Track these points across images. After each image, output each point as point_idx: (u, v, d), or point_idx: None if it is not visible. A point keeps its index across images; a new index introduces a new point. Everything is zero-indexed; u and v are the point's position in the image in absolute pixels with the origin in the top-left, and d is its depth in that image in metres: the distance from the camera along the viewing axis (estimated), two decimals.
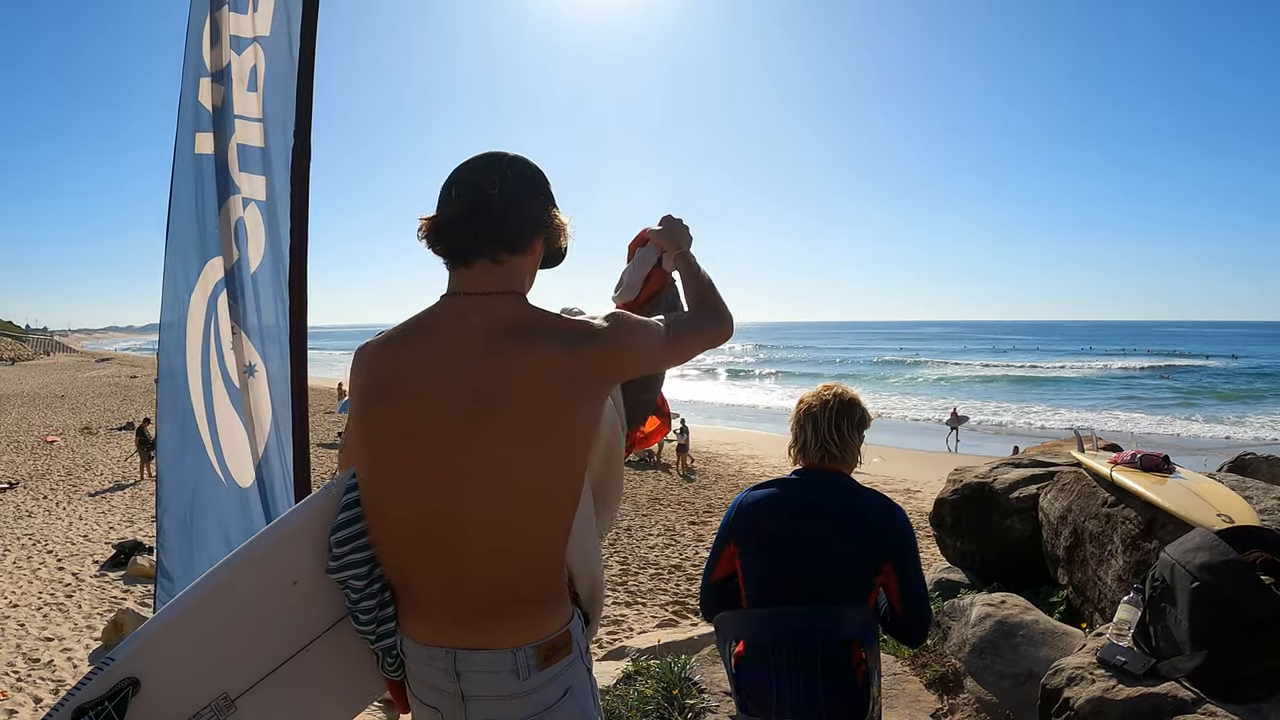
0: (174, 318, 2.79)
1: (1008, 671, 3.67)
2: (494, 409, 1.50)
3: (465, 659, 1.57)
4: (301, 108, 2.42)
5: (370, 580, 1.69)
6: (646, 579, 10.34)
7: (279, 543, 1.75)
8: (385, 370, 1.63)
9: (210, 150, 2.72)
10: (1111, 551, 4.38)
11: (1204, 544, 2.47)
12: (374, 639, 1.72)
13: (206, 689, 1.69)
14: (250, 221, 2.74)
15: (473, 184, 1.64)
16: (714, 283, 1.92)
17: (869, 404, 2.48)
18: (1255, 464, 5.89)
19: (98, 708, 1.54)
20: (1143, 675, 2.40)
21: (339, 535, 1.67)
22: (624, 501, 15.05)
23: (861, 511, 2.28)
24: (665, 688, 3.86)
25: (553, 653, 1.57)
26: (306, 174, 2.45)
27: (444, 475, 1.53)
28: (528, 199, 1.66)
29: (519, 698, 1.55)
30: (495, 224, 1.62)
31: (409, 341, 1.63)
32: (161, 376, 2.86)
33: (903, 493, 16.01)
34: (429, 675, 1.64)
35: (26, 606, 8.84)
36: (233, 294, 2.76)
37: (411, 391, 1.57)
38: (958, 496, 5.90)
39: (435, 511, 1.54)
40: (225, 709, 1.71)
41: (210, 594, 1.68)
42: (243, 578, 1.71)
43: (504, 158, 1.67)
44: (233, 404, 2.81)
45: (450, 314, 1.63)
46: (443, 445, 1.53)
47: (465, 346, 1.56)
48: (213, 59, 2.68)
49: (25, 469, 17.49)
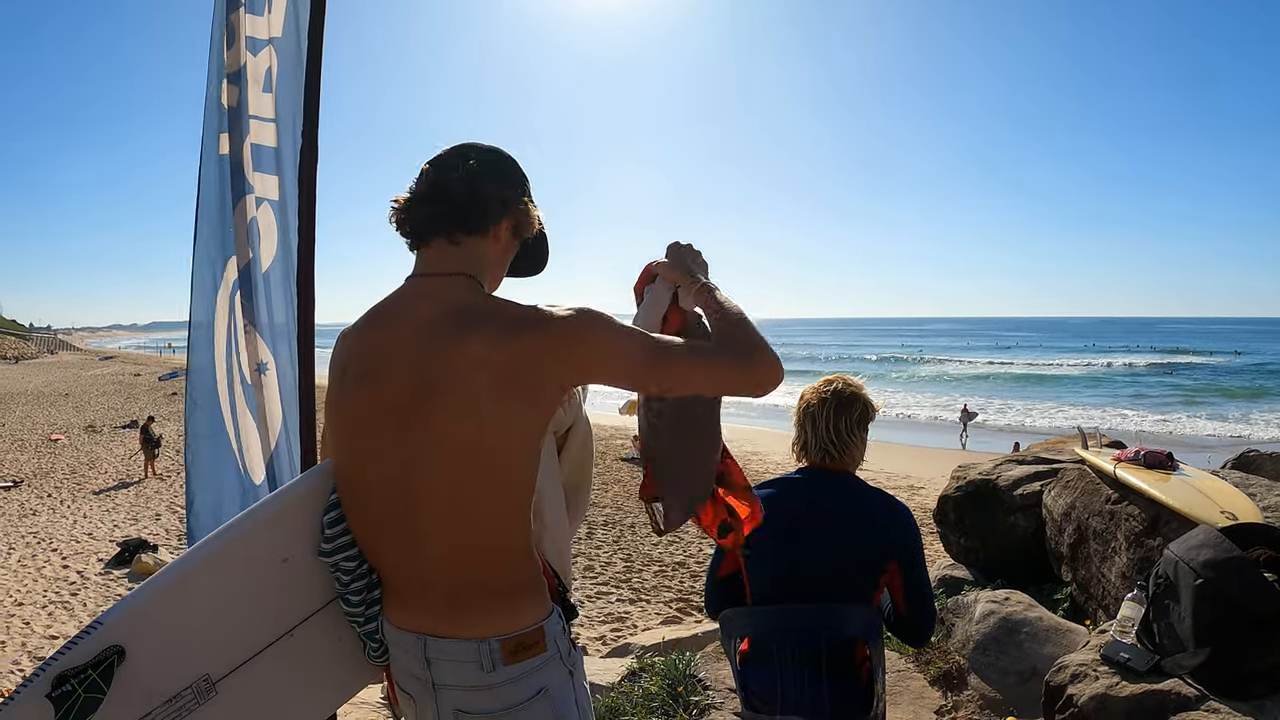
0: (204, 317, 2.82)
1: (1012, 668, 3.68)
2: (433, 394, 1.50)
3: (435, 646, 1.58)
4: (309, 108, 2.42)
5: (361, 561, 1.70)
6: (650, 576, 10.36)
7: (272, 518, 1.74)
8: (348, 355, 1.66)
9: (228, 151, 2.74)
10: (1115, 548, 4.39)
11: (1208, 541, 2.48)
12: (362, 621, 1.74)
13: (190, 668, 1.66)
14: (263, 221, 2.75)
15: (438, 166, 1.66)
16: (746, 316, 1.66)
17: (873, 396, 2.43)
18: (1259, 461, 5.88)
19: (81, 675, 1.50)
20: (1146, 672, 2.41)
21: (331, 515, 1.69)
22: (628, 498, 15.08)
23: (866, 511, 2.28)
24: (670, 684, 3.86)
25: (520, 649, 1.55)
26: (313, 173, 2.45)
27: (395, 459, 1.54)
28: (489, 180, 1.66)
29: (485, 690, 1.55)
30: (451, 203, 1.63)
31: (371, 327, 1.65)
32: (191, 373, 2.88)
33: (906, 489, 16.01)
34: (405, 661, 1.66)
35: (32, 605, 8.87)
36: (246, 292, 2.77)
37: (369, 376, 1.59)
38: (962, 493, 5.91)
39: (391, 495, 1.56)
40: (206, 692, 1.68)
41: (201, 565, 1.67)
42: (234, 551, 1.70)
43: (474, 146, 1.69)
44: (247, 402, 2.82)
45: (405, 298, 1.64)
46: (392, 429, 1.54)
47: (414, 330, 1.57)
48: (229, 60, 2.70)
49: (30, 467, 17.55)
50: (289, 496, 1.77)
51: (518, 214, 1.69)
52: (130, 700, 1.59)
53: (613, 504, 14.73)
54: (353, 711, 4.35)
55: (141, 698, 1.60)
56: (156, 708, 1.61)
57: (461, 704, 1.57)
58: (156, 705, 1.61)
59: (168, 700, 1.63)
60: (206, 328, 2.82)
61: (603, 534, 12.59)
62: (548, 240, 1.85)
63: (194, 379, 2.88)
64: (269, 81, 2.69)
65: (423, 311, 1.58)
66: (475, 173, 1.64)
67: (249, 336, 2.76)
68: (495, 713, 1.55)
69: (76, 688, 1.48)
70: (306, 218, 2.45)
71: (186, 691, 1.65)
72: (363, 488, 1.63)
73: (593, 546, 11.82)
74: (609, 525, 13.15)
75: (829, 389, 2.39)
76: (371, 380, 1.59)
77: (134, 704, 1.59)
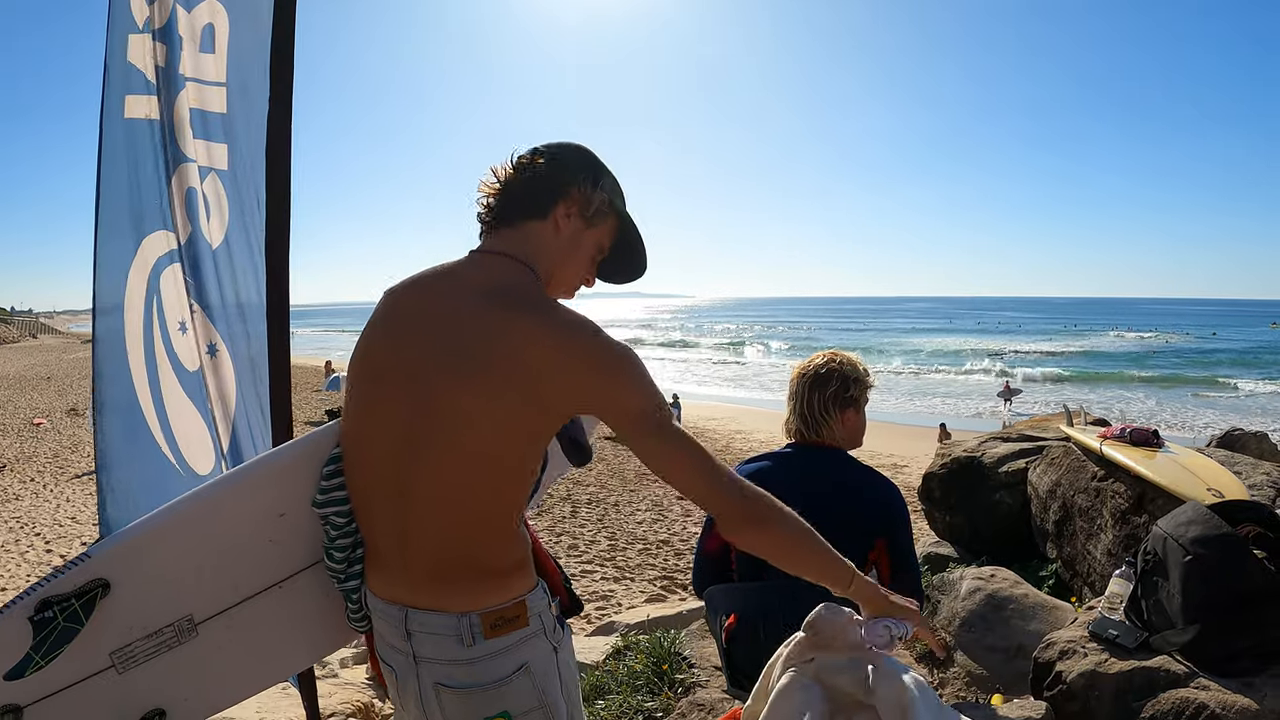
0: (112, 301, 2.58)
1: (998, 645, 3.67)
2: (457, 363, 1.49)
3: (416, 618, 1.57)
4: (280, 74, 2.24)
5: (351, 520, 1.70)
6: (635, 554, 10.35)
7: (275, 470, 1.75)
8: (383, 312, 1.66)
9: (146, 114, 2.52)
10: (1101, 525, 4.39)
11: (1196, 517, 2.46)
12: (342, 578, 1.73)
13: (173, 607, 1.68)
14: (210, 192, 2.56)
15: (515, 162, 1.68)
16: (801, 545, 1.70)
17: (866, 374, 2.39)
18: (1244, 439, 5.91)
19: (64, 603, 1.52)
20: (1135, 649, 2.39)
21: (330, 469, 1.69)
22: (612, 477, 15.09)
23: (853, 488, 2.26)
24: (655, 662, 3.85)
25: (500, 623, 1.54)
26: (288, 144, 2.27)
27: (402, 418, 1.54)
28: (557, 168, 1.66)
29: (465, 664, 1.54)
30: (519, 188, 1.65)
31: (414, 288, 1.65)
32: (98, 363, 2.64)
33: (890, 467, 16.08)
34: (387, 633, 1.65)
35: (14, 590, 8.79)
36: (186, 270, 2.58)
37: (397, 333, 1.60)
38: (946, 470, 5.91)
39: (389, 456, 1.55)
40: (187, 631, 1.70)
41: (198, 509, 1.68)
42: (232, 499, 1.71)
43: (558, 144, 1.71)
44: (184, 389, 2.65)
45: (456, 267, 1.65)
46: (406, 386, 1.54)
47: (453, 299, 1.57)
48: (150, 14, 2.47)
49: (12, 451, 17.39)
50: (294, 452, 1.76)
51: (584, 195, 1.67)
52: (114, 631, 1.61)
53: (597, 482, 14.73)
54: (338, 692, 4.31)
55: (122, 630, 1.63)
56: (136, 640, 1.64)
57: (442, 677, 1.55)
58: (136, 638, 1.64)
59: (148, 635, 1.65)
60: (117, 312, 2.58)
61: (586, 512, 12.59)
62: (641, 244, 1.81)
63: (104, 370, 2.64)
64: (210, 41, 2.49)
65: (471, 282, 1.59)
66: (547, 161, 1.66)
67: (194, 317, 2.57)
68: (475, 687, 1.54)
69: (58, 615, 1.50)
70: (279, 192, 2.29)
71: (168, 629, 1.67)
72: (365, 443, 1.62)
73: (576, 525, 11.82)
74: (593, 504, 13.16)
75: (812, 365, 2.37)
76: (399, 338, 1.59)
77: (116, 635, 1.62)
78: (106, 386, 2.66)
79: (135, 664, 1.65)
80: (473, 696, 1.54)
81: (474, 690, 1.54)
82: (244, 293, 2.54)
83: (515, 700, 1.55)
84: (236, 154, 2.53)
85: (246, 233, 2.53)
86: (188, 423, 2.65)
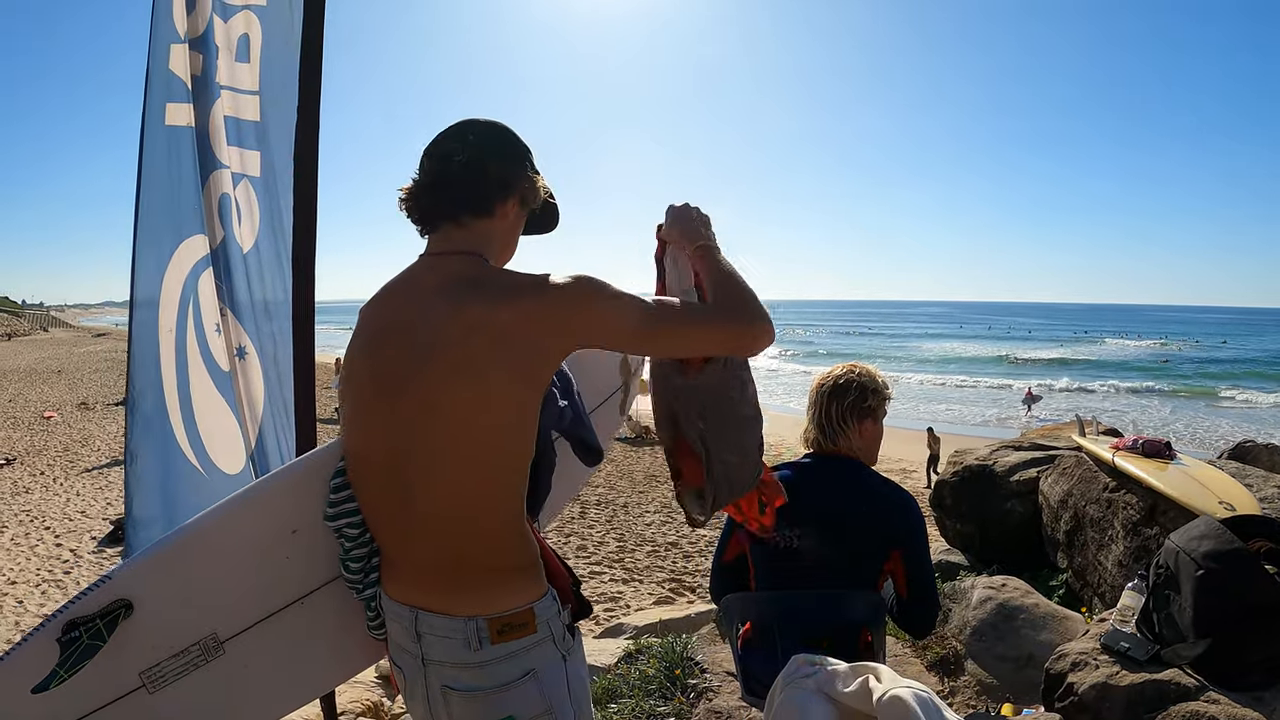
0: (148, 296, 2.64)
1: (1008, 654, 3.69)
2: (428, 360, 1.50)
3: (425, 621, 1.59)
4: (308, 83, 2.29)
5: (364, 530, 1.72)
6: (644, 556, 10.37)
7: (281, 488, 1.77)
8: (358, 329, 1.69)
9: (186, 122, 2.57)
10: (1112, 536, 4.40)
11: (1209, 532, 2.47)
12: (360, 588, 1.77)
13: (197, 625, 1.70)
14: (242, 198, 2.61)
15: (439, 153, 1.66)
16: (735, 274, 1.70)
17: (885, 385, 2.40)
18: (1255, 451, 5.90)
19: (89, 624, 1.54)
20: (1146, 662, 2.41)
21: (337, 481, 1.72)
22: (621, 478, 15.10)
23: (870, 499, 2.27)
24: (667, 667, 3.87)
25: (507, 629, 1.55)
26: (315, 150, 2.31)
27: (392, 429, 1.56)
28: (492, 161, 1.66)
29: (473, 668, 1.55)
30: (456, 188, 1.64)
31: (380, 299, 1.69)
32: (134, 356, 2.68)
33: (898, 473, 16.06)
34: (398, 634, 1.67)
35: (25, 583, 8.85)
36: (219, 273, 2.62)
37: (371, 348, 1.63)
38: (958, 479, 5.92)
39: (389, 467, 1.58)
40: (213, 649, 1.71)
41: (213, 528, 1.69)
42: (244, 517, 1.72)
43: (472, 124, 1.69)
44: (218, 389, 2.69)
45: (412, 273, 1.67)
46: (390, 399, 1.56)
47: (415, 303, 1.59)
48: (188, 25, 2.52)
49: (22, 445, 17.47)
50: (300, 469, 1.78)
51: (523, 190, 1.70)
52: (139, 650, 1.64)
53: (605, 483, 14.74)
54: (348, 690, 4.35)
55: (149, 649, 1.65)
56: (164, 660, 1.67)
57: (449, 680, 1.58)
58: (163, 657, 1.66)
59: (175, 654, 1.68)
60: (152, 308, 2.64)
61: (595, 513, 12.61)
62: (556, 204, 1.85)
63: (138, 369, 2.67)
64: (246, 50, 2.55)
65: (426, 284, 1.60)
66: (476, 156, 1.65)
67: (224, 320, 2.62)
68: (481, 691, 1.56)
69: (83, 635, 1.54)
70: (304, 196, 2.32)
71: (194, 647, 1.69)
72: (366, 458, 1.65)
73: (585, 526, 11.84)
74: (602, 505, 13.17)
75: (829, 376, 2.39)
76: (373, 352, 1.61)
77: (143, 654, 1.64)
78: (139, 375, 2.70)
79: (165, 683, 1.67)
80: (479, 700, 1.56)
81: (480, 694, 1.56)
82: (271, 296, 2.58)
83: (521, 705, 1.57)
84: (268, 161, 2.58)
85: (275, 238, 2.58)
86: (218, 422, 2.69)
